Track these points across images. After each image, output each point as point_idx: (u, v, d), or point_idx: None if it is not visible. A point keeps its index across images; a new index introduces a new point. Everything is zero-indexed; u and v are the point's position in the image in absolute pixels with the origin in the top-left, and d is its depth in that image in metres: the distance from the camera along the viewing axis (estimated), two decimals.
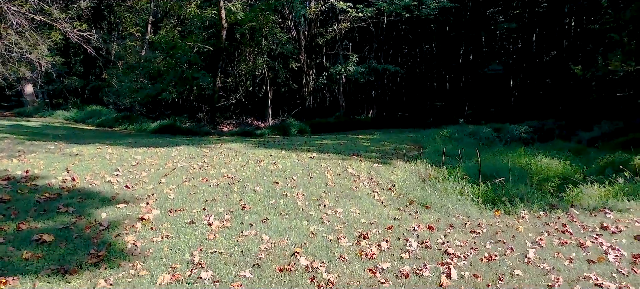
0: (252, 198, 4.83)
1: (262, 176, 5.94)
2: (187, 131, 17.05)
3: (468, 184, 5.58)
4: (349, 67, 16.36)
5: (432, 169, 7.11)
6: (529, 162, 8.07)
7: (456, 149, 9.19)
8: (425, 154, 8.75)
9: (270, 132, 17.51)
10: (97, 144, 9.00)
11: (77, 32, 9.42)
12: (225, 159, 7.09)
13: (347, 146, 9.81)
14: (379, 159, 7.82)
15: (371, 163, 7.33)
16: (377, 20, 18.76)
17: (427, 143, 10.47)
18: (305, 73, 19.70)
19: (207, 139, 13.78)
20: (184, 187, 5.16)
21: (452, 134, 11.15)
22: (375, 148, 9.52)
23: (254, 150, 8.25)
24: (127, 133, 16.18)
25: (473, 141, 10.55)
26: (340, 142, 10.64)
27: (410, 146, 10.49)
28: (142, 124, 18.00)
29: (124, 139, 12.16)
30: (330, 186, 5.65)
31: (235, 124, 20.13)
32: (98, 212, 3.96)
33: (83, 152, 7.44)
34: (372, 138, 12.40)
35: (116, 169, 5.97)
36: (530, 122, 15.44)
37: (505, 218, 4.37)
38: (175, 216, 4.04)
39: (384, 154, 8.63)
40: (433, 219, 4.22)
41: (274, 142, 10.37)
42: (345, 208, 4.62)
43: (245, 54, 20.26)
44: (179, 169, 6.13)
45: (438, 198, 4.98)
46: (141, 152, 7.67)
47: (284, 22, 19.10)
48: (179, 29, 18.14)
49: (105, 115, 20.65)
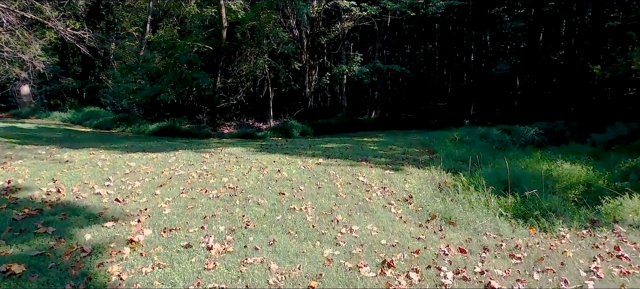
0: (257, 213, 4.33)
1: (266, 186, 5.44)
2: (186, 133, 16.57)
3: (493, 194, 5.09)
4: (353, 67, 15.87)
5: (448, 176, 6.61)
6: (549, 168, 7.59)
7: (469, 153, 8.71)
8: (437, 159, 8.26)
9: (272, 134, 17.03)
10: (91, 149, 8.51)
11: (71, 30, 8.92)
12: (226, 166, 6.60)
13: (353, 150, 9.32)
14: (389, 165, 7.32)
15: (382, 170, 6.84)
16: (381, 19, 18.27)
17: (437, 146, 9.98)
18: (307, 73, 19.20)
19: (207, 141, 13.30)
20: (180, 199, 4.67)
21: (463, 137, 10.65)
22: (383, 152, 9.02)
23: (256, 155, 7.76)
24: (125, 136, 15.70)
25: (485, 144, 10.06)
26: (346, 145, 10.14)
27: (420, 150, 10.00)
28: (141, 126, 17.52)
29: (120, 142, 11.68)
30: (341, 197, 5.16)
31: (236, 125, 19.64)
32: (81, 233, 3.47)
33: (74, 158, 6.94)
34: (378, 141, 11.91)
35: (108, 178, 5.48)
36: (539, 124, 14.93)
37: (543, 236, 3.88)
38: (170, 237, 3.54)
39: (394, 159, 8.14)
40: (462, 239, 3.73)
41: (276, 145, 9.88)
42: (361, 225, 4.13)
43: (246, 54, 19.77)
44: (176, 178, 5.63)
45: (462, 212, 4.48)
46: (136, 158, 7.18)
47: (285, 21, 18.61)
48: (179, 28, 17.65)
49: (103, 116, 20.18)
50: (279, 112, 22.54)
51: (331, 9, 18.77)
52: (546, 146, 12.02)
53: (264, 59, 17.91)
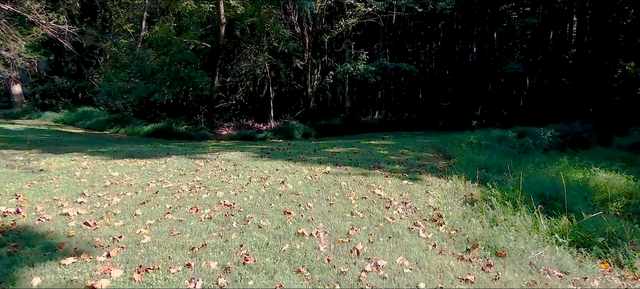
0: (258, 241, 3.52)
1: (269, 202, 4.63)
2: (183, 134, 15.75)
3: (530, 211, 4.28)
4: (358, 65, 15.06)
5: (475, 187, 5.81)
6: (585, 177, 6.79)
7: (491, 159, 7.91)
8: (456, 166, 7.47)
9: (273, 136, 16.23)
10: (75, 154, 7.70)
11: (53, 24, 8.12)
12: (223, 176, 5.79)
13: (362, 155, 8.51)
14: (405, 173, 6.52)
15: (399, 180, 6.03)
16: (386, 15, 17.48)
17: (452, 151, 9.17)
18: (309, 72, 18.40)
19: (203, 145, 12.49)
20: (165, 222, 3.86)
21: (479, 140, 9.84)
22: (395, 158, 8.21)
23: (256, 162, 6.95)
24: (118, 138, 14.89)
25: (506, 148, 9.24)
26: (353, 150, 9.34)
27: (433, 154, 9.21)
28: (135, 127, 16.72)
29: (110, 145, 10.87)
30: (358, 216, 4.35)
31: (235, 126, 18.84)
32: (29, 277, 2.66)
33: (51, 167, 6.13)
34: (386, 144, 11.10)
35: (82, 192, 4.67)
36: (555, 125, 14.12)
37: (622, 274, 3.07)
38: (145, 281, 2.74)
39: (409, 166, 7.33)
40: (523, 282, 2.92)
41: (278, 150, 9.07)
42: (388, 257, 3.32)
43: (246, 52, 18.97)
44: (163, 193, 4.83)
45: (509, 238, 3.68)
46: (121, 166, 6.37)
47: (287, 17, 17.82)
48: (175, 25, 16.84)
49: (97, 117, 19.37)
50: (279, 113, 21.73)
51: (334, 5, 17.98)
52: (565, 149, 11.24)
53: (265, 57, 17.12)
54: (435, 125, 21.14)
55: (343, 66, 15.52)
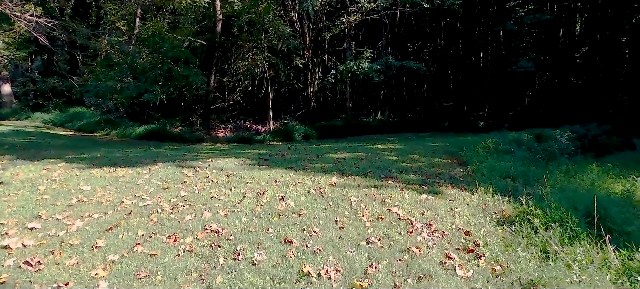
0: (251, 286, 2.70)
1: (266, 226, 3.81)
2: (177, 137, 14.91)
3: (583, 237, 3.46)
4: (362, 64, 14.23)
5: (505, 202, 4.99)
6: (627, 189, 5.97)
7: (514, 166, 7.09)
8: (476, 174, 6.66)
9: (272, 138, 15.40)
10: (51, 160, 6.90)
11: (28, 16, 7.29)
12: (213, 190, 4.96)
13: (370, 161, 7.70)
14: (422, 185, 5.70)
15: (416, 193, 5.21)
16: (390, 11, 16.66)
17: (467, 156, 8.36)
18: (310, 71, 17.58)
19: (197, 148, 11.68)
20: (132, 258, 3.03)
21: (496, 144, 9.02)
22: (407, 165, 7.40)
23: (253, 171, 6.13)
24: (107, 141, 14.06)
25: (527, 153, 8.42)
26: (359, 155, 8.52)
27: (447, 160, 8.41)
28: (127, 129, 15.88)
29: (95, 149, 10.05)
30: (375, 244, 3.53)
31: (232, 128, 18.01)
32: None
33: (16, 177, 5.31)
34: (394, 148, 10.30)
35: (38, 215, 3.84)
36: (570, 127, 13.32)
37: None
38: None
39: (423, 174, 6.52)
40: None
41: (278, 156, 8.24)
42: None
43: (244, 50, 18.15)
44: (139, 213, 4.00)
45: (574, 279, 2.86)
46: (97, 176, 5.54)
47: (286, 14, 17.00)
48: (169, 22, 16.00)
49: (89, 118, 18.54)
50: (279, 113, 20.90)
51: (336, 1, 17.16)
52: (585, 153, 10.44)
53: (263, 55, 16.29)
54: (440, 126, 20.32)
55: (346, 65, 14.69)
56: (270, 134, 15.64)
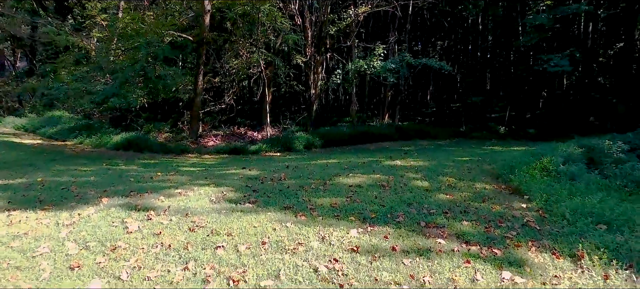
0: None
1: None
2: (158, 147, 12.91)
3: None
4: (374, 62, 12.20)
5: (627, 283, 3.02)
6: None
7: (604, 203, 5.07)
8: (553, 218, 4.69)
9: (269, 148, 13.39)
10: None
11: None
12: (155, 270, 2.97)
13: (395, 190, 5.75)
14: (490, 244, 3.71)
15: (490, 266, 3.23)
16: (404, 2, 14.65)
17: (521, 181, 6.34)
18: (312, 71, 15.58)
19: (176, 163, 9.70)
20: None
21: (556, 165, 6.96)
22: (448, 199, 5.43)
23: (231, 220, 4.14)
24: (76, 152, 12.07)
25: (599, 178, 6.38)
26: (377, 178, 6.54)
27: (494, 186, 6.48)
28: (103, 136, 13.91)
29: (44, 168, 8.06)
30: None
31: (224, 135, 16.00)
32: None
33: None
34: (417, 166, 8.28)
35: None
36: (621, 137, 11.21)
37: None
38: None
39: (480, 218, 4.54)
40: None
41: (272, 182, 6.25)
42: None
43: (238, 47, 16.16)
44: None
45: None
46: None
47: (286, 6, 15.00)
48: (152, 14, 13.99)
49: (64, 124, 16.61)
50: (277, 118, 18.90)
51: None
52: None
53: (259, 53, 14.28)
54: (457, 132, 18.31)
55: (355, 63, 12.68)
56: (266, 143, 13.66)
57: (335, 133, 14.96)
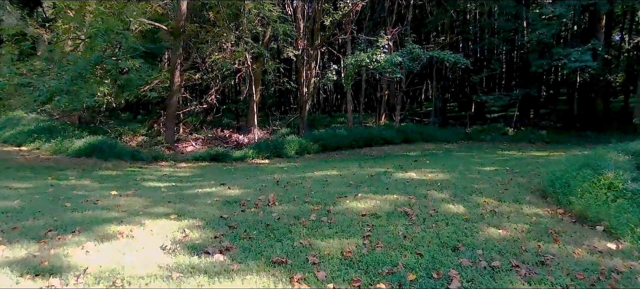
0: None
1: None
2: (127, 153, 11.14)
3: None
4: (376, 55, 10.62)
5: None
6: None
7: None
8: None
9: (256, 154, 11.71)
10: None
11: None
12: None
13: (424, 220, 4.23)
14: None
15: None
16: None
17: (584, 204, 4.84)
18: (305, 66, 13.95)
19: (144, 175, 7.96)
20: None
21: (624, 181, 5.46)
22: (498, 233, 3.91)
23: None
24: (27, 160, 10.25)
25: None
26: (396, 200, 4.99)
27: (547, 211, 5.03)
28: (65, 140, 12.10)
29: None
30: None
31: (207, 139, 14.26)
32: None
33: None
34: (437, 180, 6.72)
35: None
36: None
37: None
38: None
39: (569, 278, 3.00)
40: None
41: (257, 212, 4.62)
42: None
43: (221, 41, 14.44)
44: None
45: None
46: None
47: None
48: None
49: (25, 125, 14.76)
50: (266, 119, 17.24)
51: None
52: None
53: (245, 45, 12.59)
54: (463, 134, 16.89)
55: (355, 56, 11.06)
56: (253, 148, 11.98)
57: (332, 137, 13.35)
